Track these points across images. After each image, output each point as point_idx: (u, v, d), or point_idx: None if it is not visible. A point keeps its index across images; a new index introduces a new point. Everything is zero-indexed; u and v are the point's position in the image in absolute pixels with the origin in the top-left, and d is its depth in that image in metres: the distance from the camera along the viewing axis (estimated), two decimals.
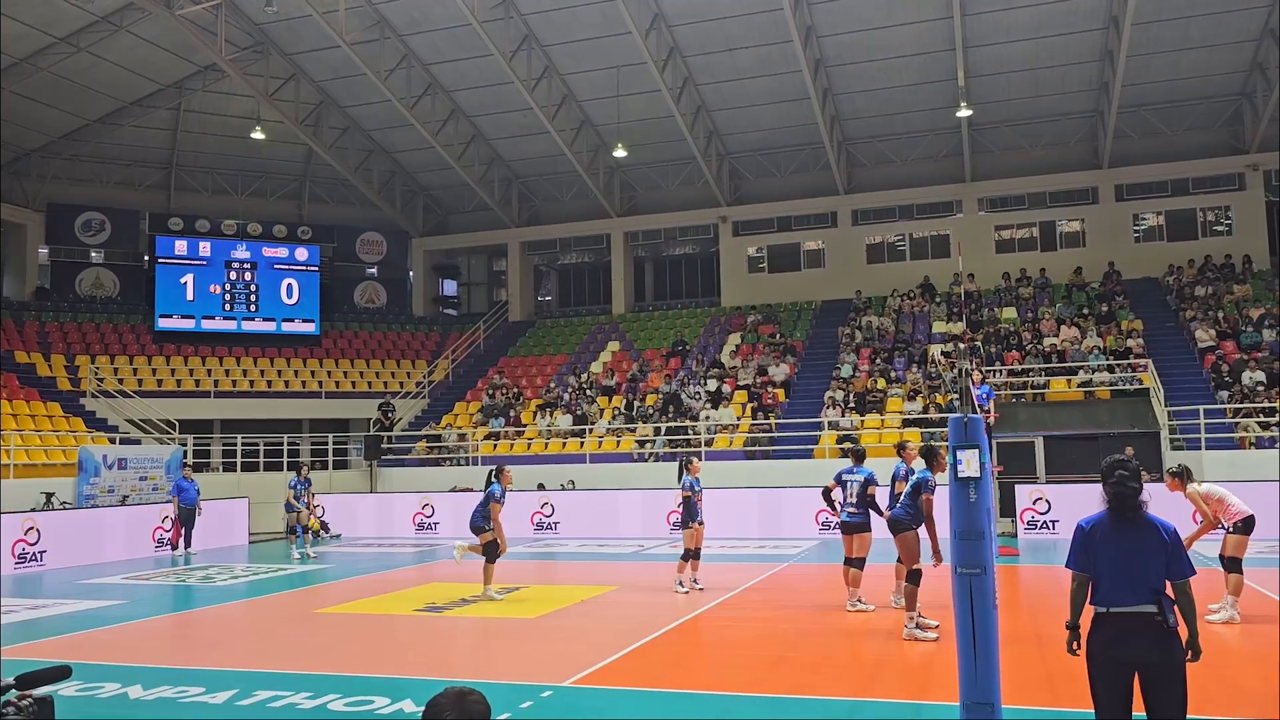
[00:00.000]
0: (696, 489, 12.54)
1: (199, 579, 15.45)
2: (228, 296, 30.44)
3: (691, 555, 12.47)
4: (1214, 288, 26.08)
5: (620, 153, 27.61)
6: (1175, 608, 4.73)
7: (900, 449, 11.07)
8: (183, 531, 18.94)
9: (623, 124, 27.72)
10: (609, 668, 8.30)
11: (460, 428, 27.12)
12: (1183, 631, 4.72)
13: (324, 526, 22.48)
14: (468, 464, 25.17)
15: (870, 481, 10.79)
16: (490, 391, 28.41)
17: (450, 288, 37.42)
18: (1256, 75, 25.51)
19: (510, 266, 34.86)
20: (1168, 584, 4.77)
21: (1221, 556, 9.97)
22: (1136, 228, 28.83)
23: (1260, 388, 21.23)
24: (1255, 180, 27.46)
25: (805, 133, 28.58)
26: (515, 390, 28.40)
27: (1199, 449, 19.81)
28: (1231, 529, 9.71)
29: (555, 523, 21.00)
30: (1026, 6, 23.35)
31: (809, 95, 25.80)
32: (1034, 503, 18.53)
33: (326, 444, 26.16)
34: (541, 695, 7.41)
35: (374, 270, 34.77)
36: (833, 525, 17.37)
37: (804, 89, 25.70)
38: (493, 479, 12.40)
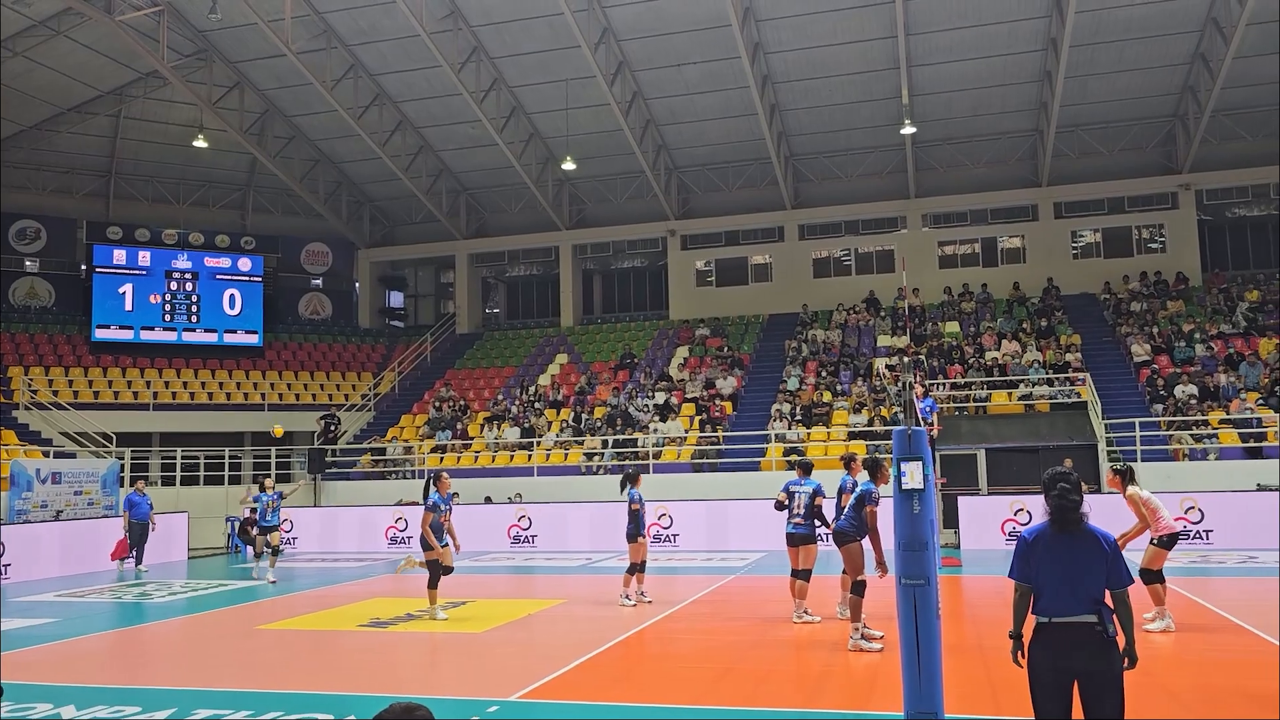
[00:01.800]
0: (642, 502, 12.57)
1: (136, 596, 15.08)
2: (168, 307, 29.84)
3: (638, 569, 12.48)
4: (1148, 303, 26.79)
5: (569, 165, 27.64)
6: (1114, 617, 4.84)
7: (848, 461, 11.19)
8: (132, 547, 18.48)
9: (572, 137, 27.76)
10: (556, 682, 8.26)
11: (406, 441, 26.84)
12: (1121, 640, 4.83)
13: (266, 542, 22.07)
14: (414, 477, 24.90)
15: (818, 493, 10.87)
16: (437, 404, 28.18)
17: (397, 299, 37.10)
18: (1188, 98, 26.32)
19: (458, 278, 34.67)
20: (1107, 594, 4.88)
21: (1140, 568, 10.17)
22: (1074, 244, 29.53)
23: (1193, 401, 21.83)
24: (1188, 199, 28.30)
25: (753, 148, 28.86)
26: (462, 403, 28.21)
27: (1135, 460, 20.28)
28: (1155, 541, 9.92)
29: (533, 535, 20.82)
30: (968, 27, 23.86)
31: (756, 111, 26.07)
32: (1015, 513, 18.70)
33: (269, 457, 25.72)
34: (488, 710, 7.35)
35: (319, 281, 34.34)
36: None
37: (751, 105, 25.97)
38: (430, 488, 12.21)
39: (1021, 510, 18.32)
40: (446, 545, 12.12)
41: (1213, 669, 8.43)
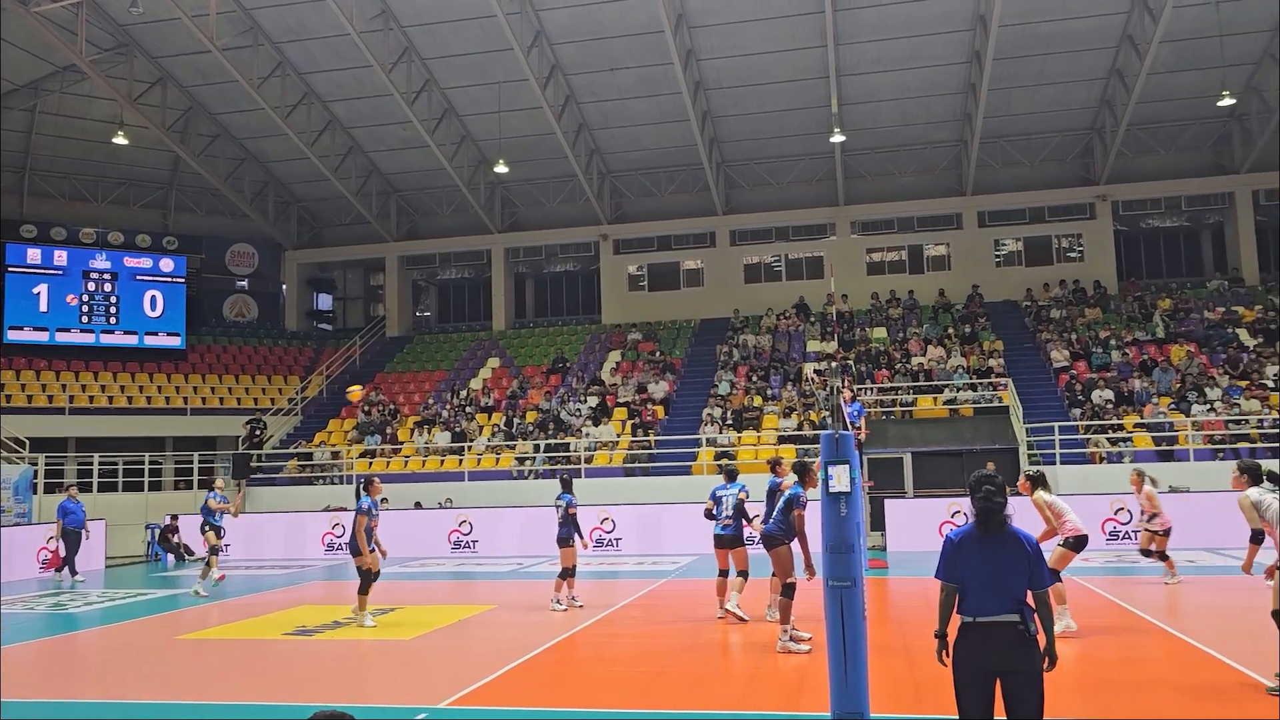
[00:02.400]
0: (576, 505, 12.62)
1: (50, 606, 14.58)
2: (85, 308, 28.93)
3: (568, 573, 12.46)
4: (1067, 311, 27.60)
5: (501, 169, 27.50)
6: (1035, 616, 4.97)
7: (774, 464, 11.34)
8: (65, 556, 17.87)
9: (504, 140, 27.62)
10: (486, 688, 8.20)
11: (334, 445, 26.41)
12: (1041, 639, 4.96)
13: (186, 549, 21.56)
14: (342, 482, 24.52)
15: (742, 493, 11.23)
16: (366, 408, 27.77)
17: (325, 302, 36.48)
18: (1105, 112, 27.19)
19: (388, 281, 34.24)
20: (1029, 594, 5.00)
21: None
22: (997, 253, 30.29)
23: (1109, 405, 22.54)
24: (1104, 210, 29.24)
25: (685, 154, 29.04)
26: (392, 407, 27.85)
27: (1054, 464, 20.87)
28: (1062, 543, 10.22)
29: (474, 540, 20.59)
30: (895, 39, 24.33)
31: (689, 117, 26.24)
32: (952, 515, 19.02)
33: (191, 463, 25.08)
34: (417, 718, 7.27)
35: (244, 283, 33.62)
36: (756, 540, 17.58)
37: (684, 111, 26.14)
38: (361, 492, 12.08)
39: (959, 513, 18.72)
40: (374, 551, 11.98)
41: (1123, 666, 8.70)
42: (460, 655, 9.84)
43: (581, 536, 12.54)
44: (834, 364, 25.04)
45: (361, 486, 12.11)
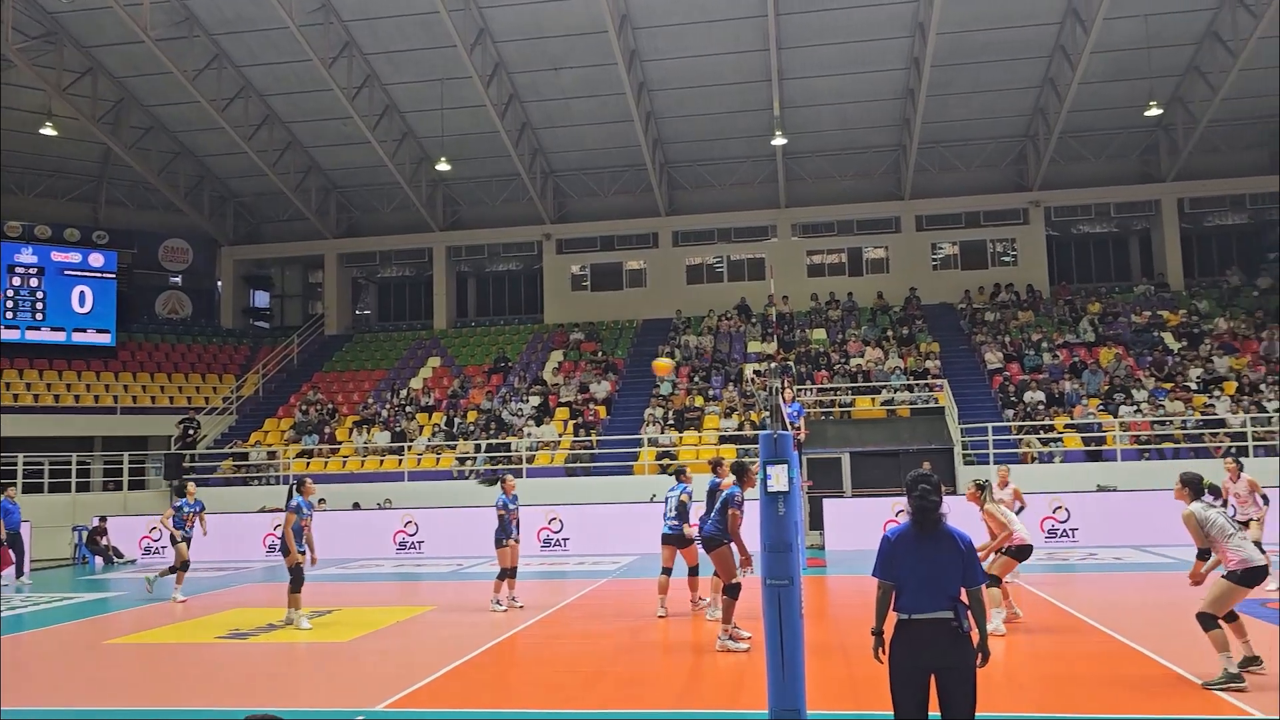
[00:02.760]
0: (511, 507, 12.46)
1: None
2: (10, 304, 28.04)
3: (508, 574, 12.42)
4: (1001, 314, 28.20)
5: (444, 166, 27.28)
6: (969, 613, 5.07)
7: (715, 465, 11.43)
8: (14, 557, 17.29)
9: (446, 137, 27.39)
10: (424, 690, 8.14)
11: (270, 445, 25.97)
12: (975, 635, 5.05)
13: (116, 552, 21.04)
14: (278, 483, 24.11)
15: (684, 493, 11.36)
16: (303, 408, 27.36)
17: (262, 299, 35.83)
18: (1039, 119, 27.84)
19: (327, 279, 33.75)
20: (963, 592, 5.10)
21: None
22: (934, 256, 30.83)
23: (1041, 406, 23.08)
24: (1037, 215, 29.94)
25: (628, 154, 29.08)
26: (330, 406, 27.47)
27: (988, 464, 21.30)
28: (1004, 551, 10.44)
29: (419, 541, 20.34)
30: (837, 44, 24.64)
31: (632, 118, 26.29)
32: (896, 514, 19.26)
33: (121, 463, 24.48)
34: None
35: (178, 279, 32.88)
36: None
37: (627, 111, 26.17)
38: (294, 493, 11.97)
39: (903, 512, 18.94)
40: (304, 552, 11.84)
41: (1056, 661, 8.93)
42: (398, 657, 9.75)
43: (510, 536, 12.36)
44: (774, 365, 25.28)
45: (294, 487, 11.98)
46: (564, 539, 19.95)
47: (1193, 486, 7.84)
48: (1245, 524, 11.63)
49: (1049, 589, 12.84)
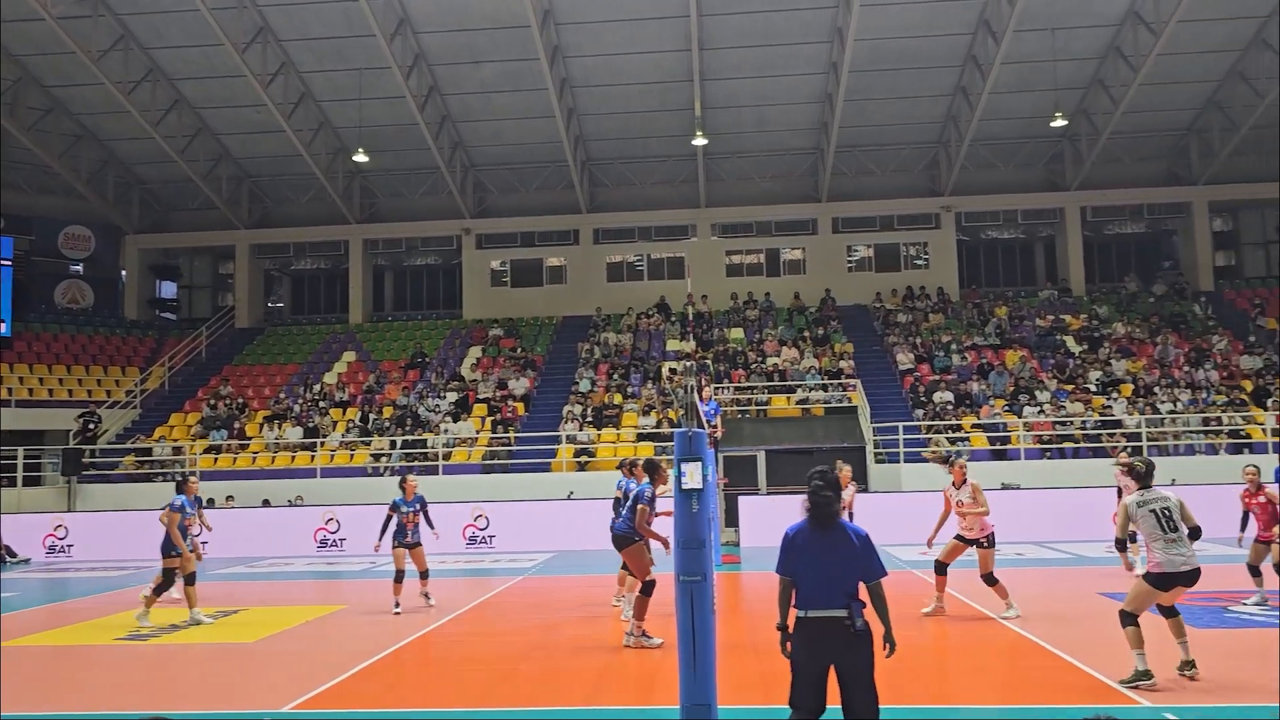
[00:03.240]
0: (405, 509, 12.08)
1: None
2: None
3: (419, 576, 12.21)
4: (913, 316, 28.89)
5: (361, 158, 26.80)
6: (869, 609, 5.08)
7: (630, 467, 11.43)
8: None
9: (364, 128, 26.92)
10: (332, 691, 7.99)
11: (176, 440, 25.21)
12: (879, 631, 5.09)
13: (9, 551, 20.19)
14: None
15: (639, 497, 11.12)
16: (212, 402, 26.62)
17: (169, 290, 34.73)
18: (951, 127, 28.57)
19: (238, 270, 32.87)
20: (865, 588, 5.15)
21: (940, 562, 10.97)
22: (850, 258, 31.42)
23: (949, 406, 23.71)
24: (949, 220, 30.74)
25: (550, 150, 28.96)
26: (240, 401, 26.78)
27: (898, 462, 21.82)
28: (986, 544, 10.72)
29: (341, 539, 19.86)
30: (757, 46, 24.92)
31: (554, 114, 26.19)
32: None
33: (16, 458, 23.49)
34: None
35: (79, 267, 31.69)
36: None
37: (549, 107, 26.06)
38: (178, 490, 11.76)
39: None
40: (190, 550, 11.67)
41: (960, 654, 9.19)
42: (307, 657, 9.56)
43: (407, 538, 12.05)
44: (691, 363, 25.47)
45: (178, 485, 11.71)
46: (490, 535, 19.78)
47: (1136, 477, 7.74)
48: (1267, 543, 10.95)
49: (955, 584, 13.19)
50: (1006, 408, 23.66)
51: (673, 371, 26.26)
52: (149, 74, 25.64)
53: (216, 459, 24.20)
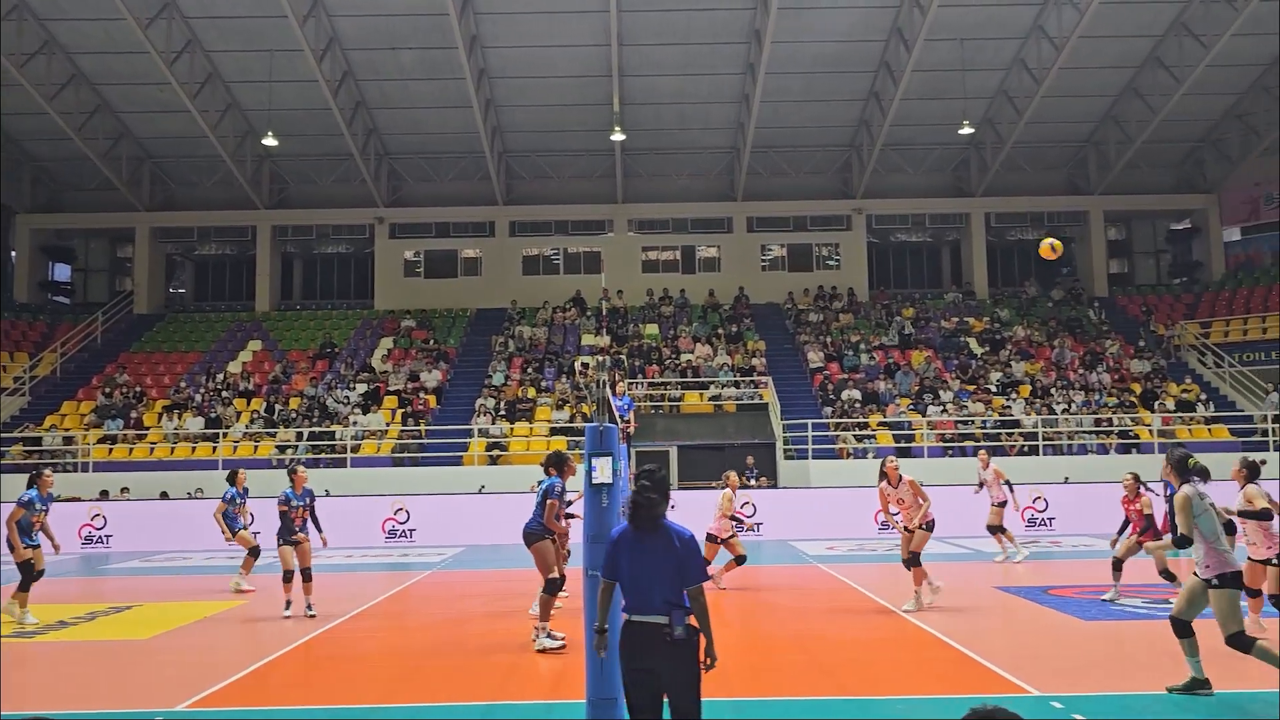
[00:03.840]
0: (295, 503, 11.32)
1: None
2: None
3: (297, 575, 11.20)
4: (824, 315, 29.42)
5: (271, 141, 26.11)
6: (693, 616, 4.79)
7: (547, 466, 11.36)
8: None
9: (275, 112, 26.24)
10: (229, 689, 7.79)
11: (68, 429, 24.22)
12: (702, 640, 4.80)
13: None
14: (77, 470, 22.55)
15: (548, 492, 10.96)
16: (107, 390, 25.64)
17: (63, 272, 33.33)
18: (864, 131, 29.15)
19: (138, 253, 31.71)
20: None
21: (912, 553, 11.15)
22: (764, 257, 31.84)
23: (857, 404, 24.23)
24: (859, 223, 31.39)
25: (467, 141, 28.65)
26: (138, 390, 25.87)
27: (807, 459, 22.21)
28: (925, 527, 11.02)
29: (256, 533, 19.13)
30: (676, 44, 25.05)
31: (472, 104, 25.90)
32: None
33: None
34: None
35: None
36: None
37: (467, 97, 25.77)
38: (29, 484, 11.30)
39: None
40: (38, 546, 11.20)
41: (856, 647, 9.41)
42: (203, 655, 9.30)
43: (293, 534, 11.20)
44: (605, 358, 25.51)
45: (31, 479, 11.33)
46: (410, 529, 19.49)
47: (1178, 468, 7.27)
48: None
49: (856, 577, 13.51)
50: (911, 406, 24.28)
51: (586, 366, 26.26)
52: (44, 46, 24.55)
53: (111, 449, 23.34)
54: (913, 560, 10.98)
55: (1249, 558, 8.63)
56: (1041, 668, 7.88)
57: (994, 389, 25.12)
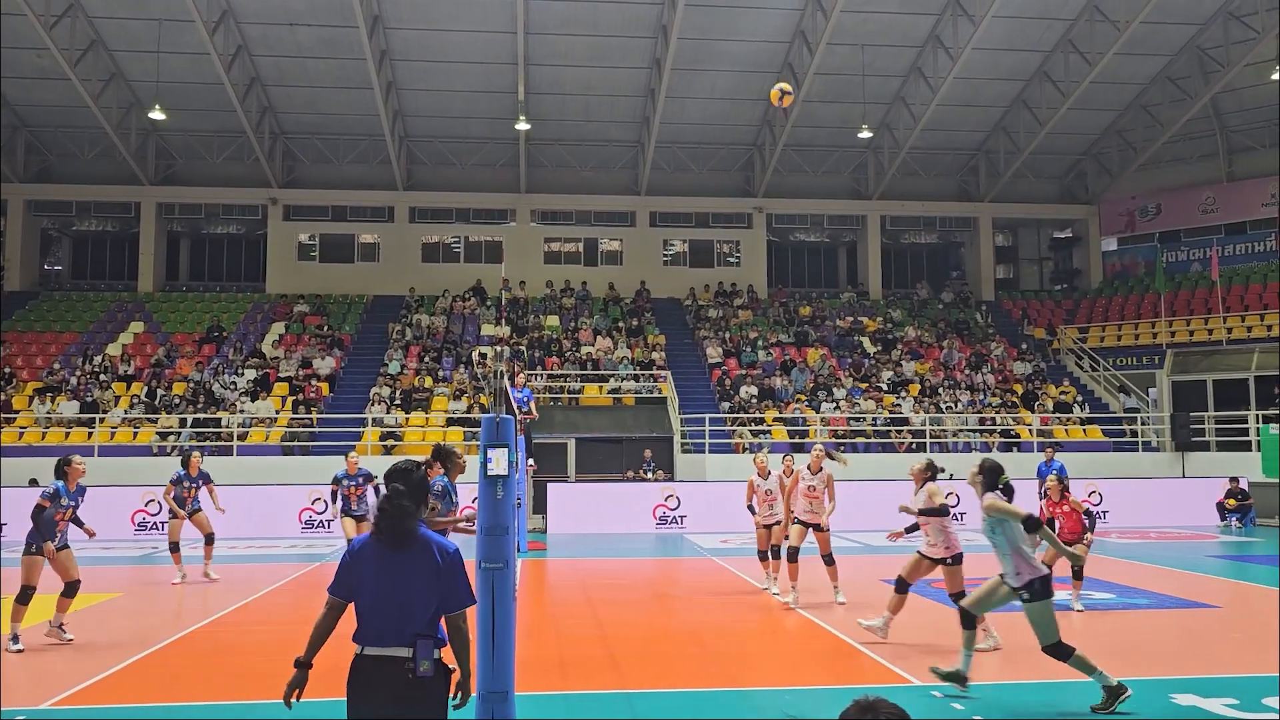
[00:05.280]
0: (186, 483, 12.96)
1: None
2: None
3: (173, 549, 12.75)
4: (724, 311, 29.75)
5: (157, 115, 25.03)
6: (450, 647, 4.01)
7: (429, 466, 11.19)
8: None
9: (163, 84, 25.18)
10: (100, 685, 7.45)
11: None
12: (455, 676, 4.04)
13: None
14: None
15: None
16: None
17: None
18: (766, 131, 29.56)
19: (10, 226, 30.05)
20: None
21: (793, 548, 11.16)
22: (665, 253, 32.02)
23: (754, 400, 24.58)
24: (760, 221, 31.83)
25: (367, 123, 28.01)
26: (7, 371, 24.54)
27: (704, 453, 22.44)
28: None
29: (162, 522, 18.22)
30: (583, 35, 24.96)
31: (373, 85, 25.33)
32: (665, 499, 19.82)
33: None
34: None
35: None
36: None
37: (367, 78, 25.20)
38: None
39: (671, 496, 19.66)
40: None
41: (751, 639, 9.55)
42: (73, 649, 8.88)
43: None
44: (504, 349, 25.29)
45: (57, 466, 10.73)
46: (328, 520, 18.92)
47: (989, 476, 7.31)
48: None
49: (749, 569, 13.71)
50: (806, 403, 24.76)
51: (483, 356, 26.00)
52: None
53: None
54: (829, 559, 10.94)
55: (920, 552, 8.63)
56: (923, 659, 8.12)
57: (885, 387, 25.81)
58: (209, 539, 13.11)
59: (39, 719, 6.63)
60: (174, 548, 12.82)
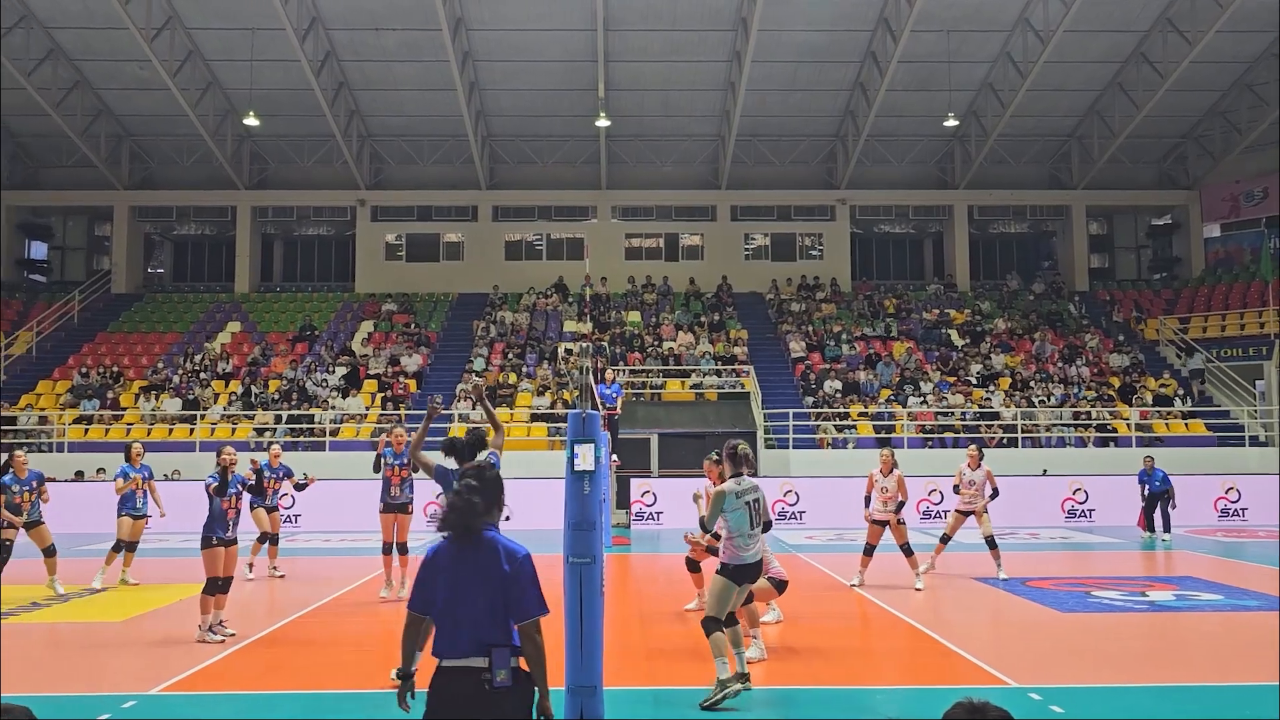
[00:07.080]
0: (141, 477, 12.82)
1: None
2: None
3: (126, 548, 12.48)
4: (806, 305, 29.44)
5: (252, 121, 25.83)
6: (523, 658, 3.79)
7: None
8: None
9: (256, 91, 25.95)
10: (205, 672, 7.73)
11: (43, 409, 23.96)
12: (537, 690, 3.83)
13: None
14: (51, 450, 22.31)
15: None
16: (84, 370, 25.37)
17: (39, 250, 32.91)
18: (849, 121, 29.13)
19: (116, 232, 31.35)
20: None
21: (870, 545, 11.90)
22: (747, 246, 31.81)
23: (838, 395, 24.27)
24: (844, 213, 31.39)
25: (450, 124, 28.44)
26: (115, 370, 25.61)
27: (788, 448, 22.25)
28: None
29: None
30: (663, 30, 24.92)
31: (455, 87, 25.71)
32: (641, 495, 19.76)
33: None
34: (124, 706, 6.74)
35: None
36: None
37: (451, 80, 25.57)
38: (5, 468, 11.55)
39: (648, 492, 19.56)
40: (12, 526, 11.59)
41: (855, 638, 9.43)
42: (179, 638, 9.21)
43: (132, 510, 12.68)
44: (587, 344, 25.44)
45: (4, 464, 11.58)
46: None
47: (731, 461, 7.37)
48: (969, 514, 12.58)
49: (835, 566, 13.55)
50: (892, 397, 24.35)
51: (568, 352, 26.19)
52: (22, 20, 24.17)
53: (87, 430, 23.11)
54: (906, 549, 11.79)
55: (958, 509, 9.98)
56: (1020, 659, 7.92)
57: (974, 381, 25.23)
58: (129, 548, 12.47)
59: (144, 716, 6.88)
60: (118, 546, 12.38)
